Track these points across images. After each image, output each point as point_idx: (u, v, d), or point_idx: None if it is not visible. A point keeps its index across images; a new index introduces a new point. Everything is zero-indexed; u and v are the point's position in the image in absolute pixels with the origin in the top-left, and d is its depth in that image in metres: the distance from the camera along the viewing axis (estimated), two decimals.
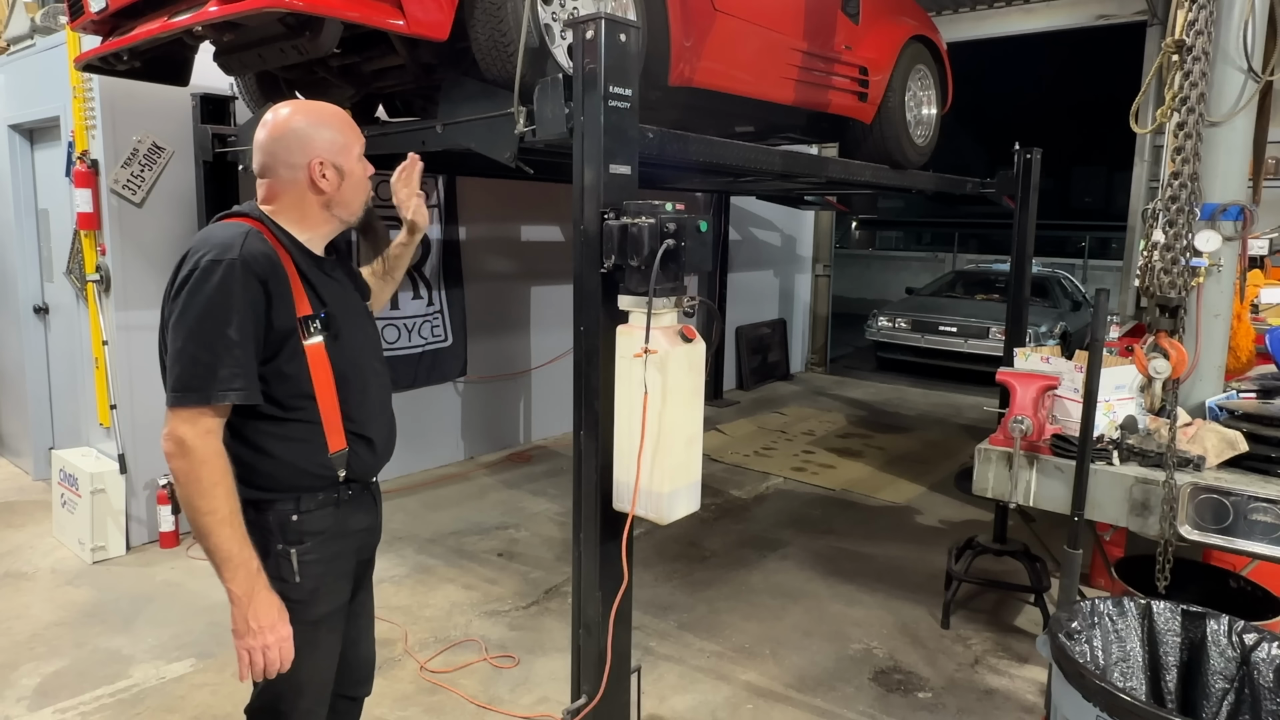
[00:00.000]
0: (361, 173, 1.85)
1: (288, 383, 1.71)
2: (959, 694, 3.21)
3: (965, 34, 7.38)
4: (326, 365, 1.75)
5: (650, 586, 4.06)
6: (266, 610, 1.66)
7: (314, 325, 1.74)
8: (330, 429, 1.77)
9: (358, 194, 1.85)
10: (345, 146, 1.80)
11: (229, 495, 1.62)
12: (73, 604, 3.81)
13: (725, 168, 3.72)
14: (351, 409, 1.81)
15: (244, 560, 1.63)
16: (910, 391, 9.01)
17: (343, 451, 1.79)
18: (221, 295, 1.61)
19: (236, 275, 1.62)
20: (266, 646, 1.66)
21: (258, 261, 1.65)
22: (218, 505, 1.60)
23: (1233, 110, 2.73)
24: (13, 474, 5.63)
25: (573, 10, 2.73)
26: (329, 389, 1.76)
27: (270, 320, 1.67)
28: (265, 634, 1.66)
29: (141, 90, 3.93)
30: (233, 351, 1.61)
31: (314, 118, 1.80)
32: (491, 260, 6.17)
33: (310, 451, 1.75)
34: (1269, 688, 1.98)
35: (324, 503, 1.79)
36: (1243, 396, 2.85)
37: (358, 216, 1.87)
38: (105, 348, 4.33)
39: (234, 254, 1.63)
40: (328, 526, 1.80)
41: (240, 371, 1.62)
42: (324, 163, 1.77)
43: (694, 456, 2.33)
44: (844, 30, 4.14)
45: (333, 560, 1.81)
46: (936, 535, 4.84)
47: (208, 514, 1.60)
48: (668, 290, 2.20)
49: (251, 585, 1.64)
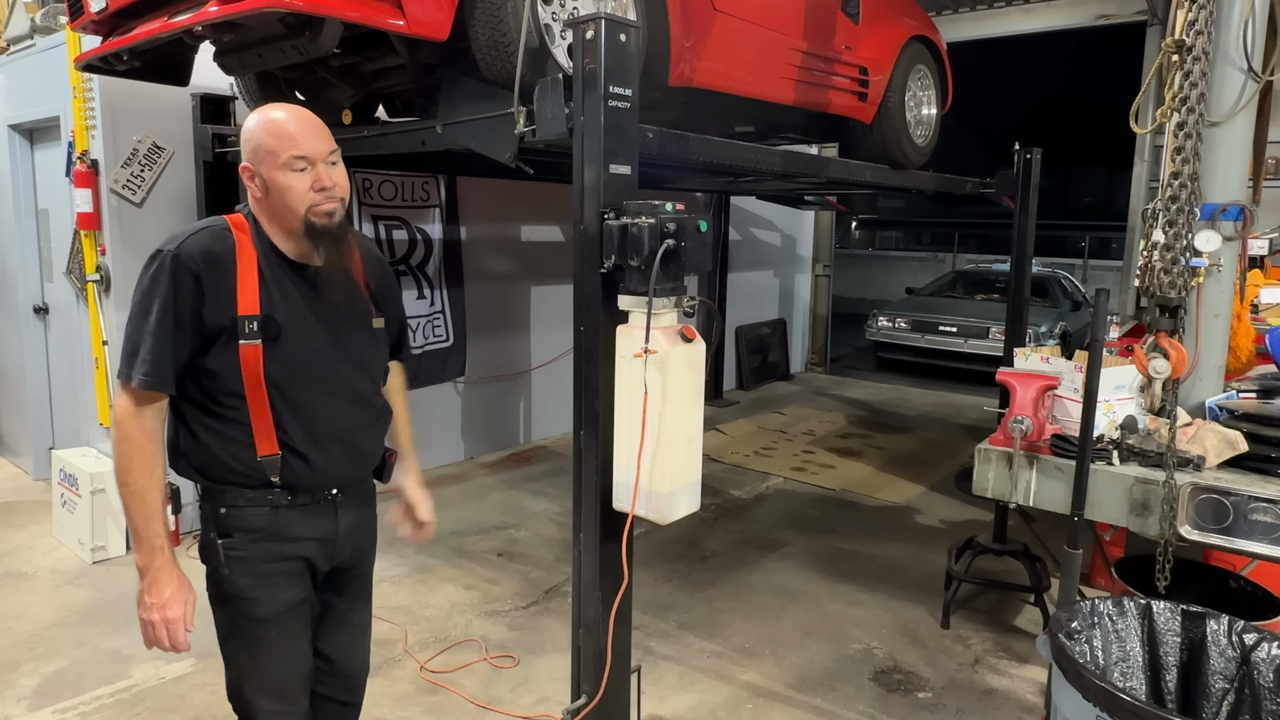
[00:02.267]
0: (288, 183, 1.73)
1: (214, 379, 1.74)
2: (959, 694, 3.21)
3: (965, 34, 7.38)
4: (257, 368, 1.74)
5: (650, 586, 4.06)
6: (161, 586, 1.72)
7: (250, 326, 1.73)
8: (260, 434, 1.76)
9: (291, 202, 1.74)
10: (270, 153, 1.73)
11: (142, 471, 1.70)
12: (73, 604, 3.81)
13: (725, 168, 3.72)
14: (284, 420, 1.78)
15: (147, 535, 1.71)
16: (910, 391, 9.01)
17: (274, 457, 1.78)
18: (150, 285, 1.70)
19: (166, 269, 1.69)
20: (153, 623, 1.73)
21: (194, 257, 1.70)
22: (130, 479, 1.70)
23: (1233, 110, 2.73)
24: (13, 474, 5.63)
25: (573, 10, 2.73)
26: (258, 394, 1.75)
27: (202, 315, 1.70)
28: (153, 610, 1.73)
29: (141, 90, 3.93)
30: (147, 340, 1.68)
31: (254, 121, 1.77)
32: (492, 260, 6.17)
33: (238, 450, 1.77)
34: (1269, 688, 1.98)
35: (254, 501, 1.79)
36: (1243, 396, 2.85)
37: (295, 227, 1.77)
38: (105, 348, 4.33)
39: (172, 247, 1.71)
40: (260, 526, 1.80)
41: (150, 359, 1.67)
42: (247, 168, 1.78)
43: (694, 456, 2.33)
44: (844, 30, 4.14)
45: (268, 561, 1.81)
46: (936, 535, 4.84)
47: (122, 485, 1.71)
48: (668, 290, 2.20)
49: (151, 560, 1.72)
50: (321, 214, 1.77)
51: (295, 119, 1.77)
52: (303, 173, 1.74)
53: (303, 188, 1.74)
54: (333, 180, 1.78)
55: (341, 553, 1.95)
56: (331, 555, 1.93)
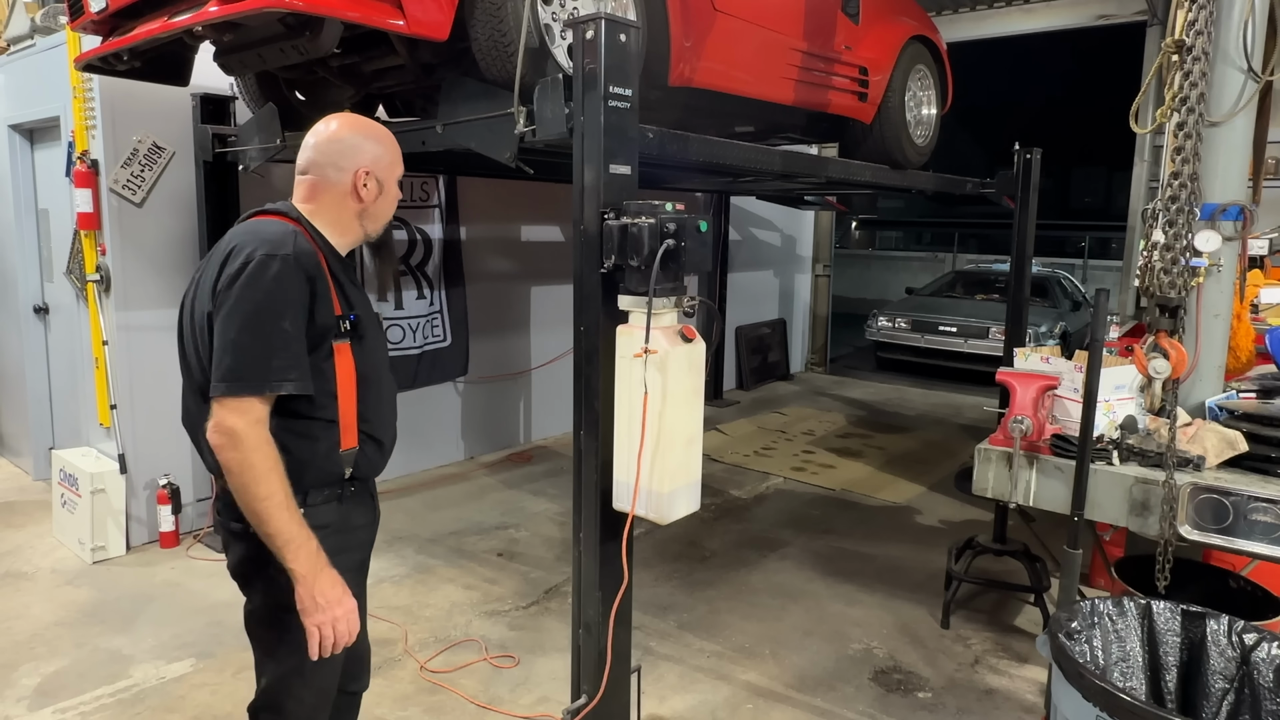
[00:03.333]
0: (396, 193, 1.96)
1: (320, 379, 1.76)
2: (959, 694, 3.21)
3: (965, 34, 7.38)
4: (351, 365, 1.82)
5: (650, 586, 4.06)
6: (332, 585, 1.71)
7: (345, 325, 1.80)
8: (346, 428, 1.82)
9: (387, 211, 1.95)
10: (391, 164, 1.92)
11: (283, 480, 1.66)
12: (73, 604, 3.81)
13: (725, 168, 3.72)
14: (368, 410, 1.87)
15: (304, 540, 1.68)
16: (910, 391, 9.01)
17: (352, 450, 1.84)
18: (278, 288, 1.67)
19: (290, 271, 1.68)
20: (336, 620, 1.71)
21: (306, 259, 1.73)
22: (274, 490, 1.64)
23: (1233, 110, 2.73)
24: (13, 474, 5.63)
25: (573, 10, 2.73)
26: (350, 389, 1.82)
27: (314, 317, 1.73)
28: (333, 608, 1.70)
29: (141, 90, 3.94)
30: (289, 344, 1.67)
31: (370, 131, 1.91)
32: (491, 260, 6.17)
33: (324, 449, 1.80)
34: (1269, 688, 1.98)
35: (328, 498, 1.83)
36: (1243, 396, 2.85)
37: (379, 233, 1.96)
38: (105, 348, 4.33)
39: (288, 250, 1.70)
40: (332, 521, 1.83)
41: (294, 363, 1.68)
42: (369, 173, 1.86)
43: (694, 456, 2.33)
44: (844, 30, 4.14)
45: (337, 554, 1.81)
46: (936, 535, 4.84)
47: (265, 499, 1.64)
48: (668, 290, 2.20)
49: (314, 563, 1.69)
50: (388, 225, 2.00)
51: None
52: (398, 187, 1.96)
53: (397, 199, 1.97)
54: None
55: (374, 534, 2.04)
56: (373, 540, 2.03)
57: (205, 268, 1.79)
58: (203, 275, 1.78)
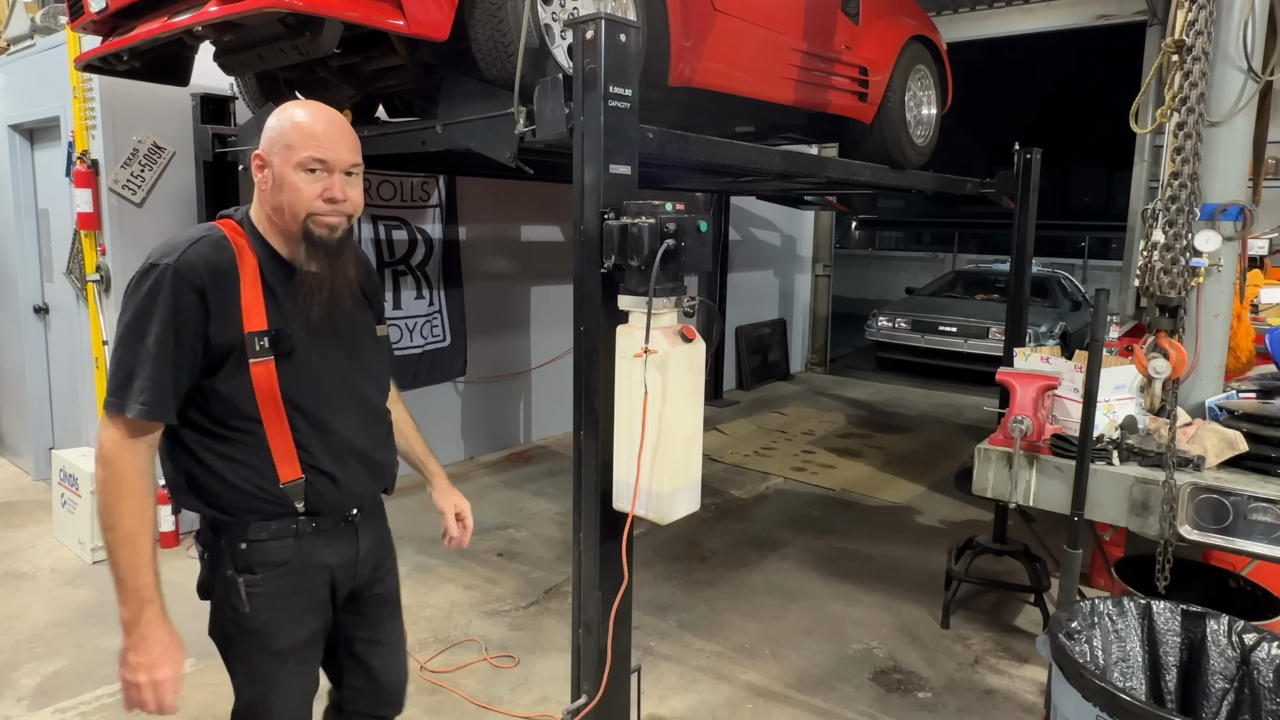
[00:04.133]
0: (297, 183, 1.62)
1: (224, 402, 1.60)
2: (959, 694, 3.21)
3: (965, 34, 7.38)
4: (273, 388, 1.61)
5: (650, 586, 4.06)
6: (149, 645, 1.53)
7: (260, 343, 1.59)
8: (281, 458, 1.64)
9: (295, 203, 1.63)
10: (288, 147, 1.62)
11: (134, 514, 1.52)
12: (73, 604, 3.81)
13: (725, 168, 3.72)
14: (306, 440, 1.66)
15: (135, 586, 1.52)
16: (910, 391, 9.01)
17: (298, 482, 1.65)
18: (147, 303, 1.53)
19: (166, 284, 1.52)
20: (139, 685, 1.53)
21: (195, 269, 1.54)
22: (119, 522, 1.51)
23: (1233, 110, 2.73)
24: (13, 474, 5.63)
25: (573, 10, 2.73)
26: (276, 415, 1.62)
27: (207, 334, 1.56)
28: (141, 671, 1.53)
29: (141, 90, 3.93)
30: (146, 364, 1.51)
31: (286, 113, 1.66)
32: (491, 260, 6.17)
33: (256, 477, 1.63)
34: (1269, 688, 1.98)
35: (278, 532, 1.66)
36: (1243, 396, 2.85)
37: (294, 231, 1.65)
38: (105, 348, 4.33)
39: (170, 259, 1.54)
40: (286, 559, 1.67)
41: (149, 385, 1.51)
42: (261, 158, 1.64)
43: (694, 456, 2.33)
44: (844, 30, 4.14)
45: (291, 595, 1.69)
46: (936, 535, 4.84)
47: (108, 529, 1.52)
48: (668, 290, 2.20)
49: (138, 614, 1.52)
50: (323, 225, 1.65)
51: (326, 120, 1.66)
52: (314, 176, 1.63)
53: (312, 193, 1.63)
54: (345, 194, 1.66)
55: (361, 573, 1.85)
56: (353, 577, 1.84)
57: None
58: None
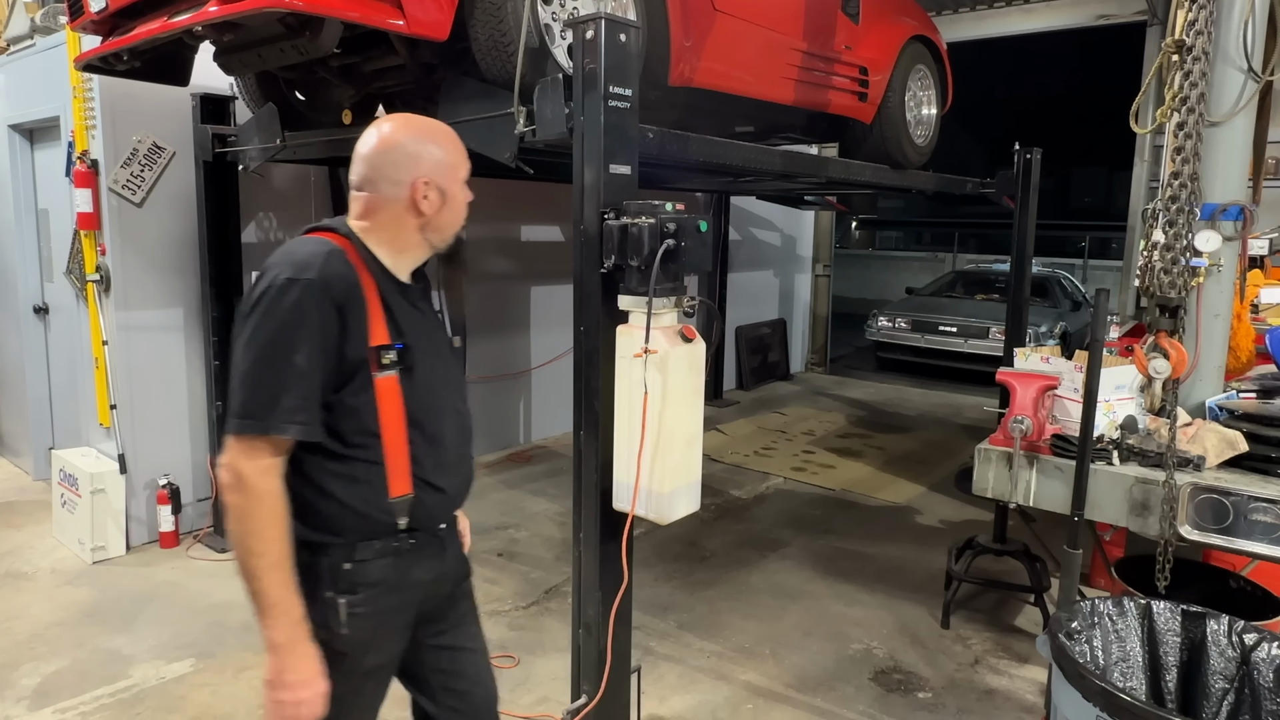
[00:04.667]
0: (463, 198, 1.73)
1: (353, 417, 1.59)
2: (959, 694, 3.21)
3: (965, 34, 7.38)
4: (397, 402, 1.62)
5: (650, 586, 4.06)
6: (304, 664, 1.53)
7: (387, 357, 1.60)
8: (394, 472, 1.63)
9: (455, 220, 1.73)
10: (453, 168, 1.70)
11: (281, 538, 1.51)
12: (73, 604, 3.81)
13: (725, 168, 3.72)
14: (420, 453, 1.67)
15: (287, 609, 1.51)
16: (910, 391, 9.01)
17: (406, 498, 1.65)
18: (294, 318, 1.50)
19: (312, 298, 1.51)
20: (299, 702, 1.53)
21: (335, 284, 1.54)
22: (268, 548, 1.49)
23: (1233, 110, 2.73)
24: (13, 474, 5.63)
25: (573, 10, 2.73)
26: (397, 429, 1.63)
27: (342, 349, 1.55)
28: (299, 689, 1.52)
29: (141, 90, 3.93)
30: (299, 381, 1.50)
31: (425, 134, 1.69)
32: (491, 260, 6.17)
33: (370, 494, 1.61)
34: (1269, 688, 1.98)
35: (381, 551, 1.64)
36: (1243, 396, 2.85)
37: (448, 243, 1.75)
38: (105, 348, 4.33)
39: (312, 274, 1.52)
40: (385, 578, 1.65)
41: (304, 404, 1.51)
42: (429, 183, 1.65)
43: (694, 456, 2.33)
44: (844, 30, 4.14)
45: (387, 614, 1.67)
46: (936, 535, 4.84)
47: (257, 555, 1.48)
48: (668, 290, 2.20)
49: (292, 635, 1.52)
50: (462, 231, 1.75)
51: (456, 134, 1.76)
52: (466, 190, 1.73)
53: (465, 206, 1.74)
54: None
55: (446, 588, 1.83)
56: (441, 593, 1.82)
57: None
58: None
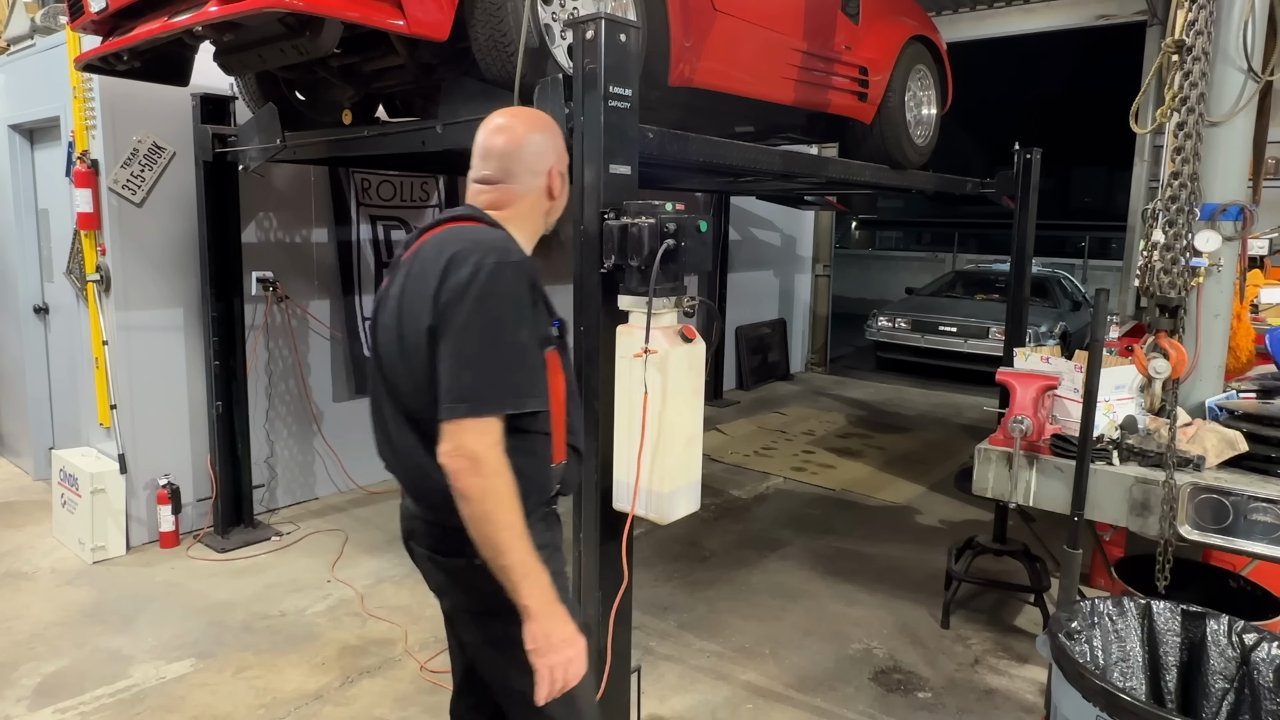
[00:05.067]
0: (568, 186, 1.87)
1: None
2: (959, 694, 3.21)
3: (965, 34, 7.38)
4: (561, 374, 1.70)
5: (650, 586, 4.06)
6: (563, 624, 1.58)
7: (555, 331, 1.70)
8: (557, 442, 1.71)
9: (563, 205, 1.86)
10: (561, 155, 1.82)
11: (519, 509, 1.54)
12: (73, 604, 3.81)
13: (725, 168, 3.72)
14: (573, 419, 1.77)
15: (538, 575, 1.55)
16: (910, 391, 9.01)
17: (561, 465, 1.74)
18: (514, 299, 1.56)
19: (522, 279, 1.58)
20: (569, 660, 1.57)
21: (529, 266, 1.62)
22: (514, 519, 1.52)
23: (1233, 110, 2.73)
24: (13, 474, 5.63)
25: (573, 10, 2.73)
26: (561, 399, 1.71)
27: (539, 326, 1.63)
28: (565, 648, 1.57)
29: (141, 90, 3.93)
30: (526, 357, 1.56)
31: (547, 126, 1.81)
32: None
33: (540, 465, 1.68)
34: (1269, 688, 1.98)
35: (544, 517, 1.73)
36: (1243, 396, 2.85)
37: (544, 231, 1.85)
38: (105, 348, 4.33)
39: (516, 256, 1.60)
40: (549, 541, 1.72)
41: (536, 379, 1.58)
42: (560, 172, 1.79)
43: (694, 456, 2.33)
44: (844, 30, 4.14)
45: (557, 576, 1.70)
46: (936, 535, 4.84)
47: (507, 528, 1.51)
48: (668, 290, 2.21)
49: (549, 598, 1.56)
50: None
51: None
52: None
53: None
54: None
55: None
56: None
57: (408, 280, 1.64)
58: (407, 287, 1.63)
